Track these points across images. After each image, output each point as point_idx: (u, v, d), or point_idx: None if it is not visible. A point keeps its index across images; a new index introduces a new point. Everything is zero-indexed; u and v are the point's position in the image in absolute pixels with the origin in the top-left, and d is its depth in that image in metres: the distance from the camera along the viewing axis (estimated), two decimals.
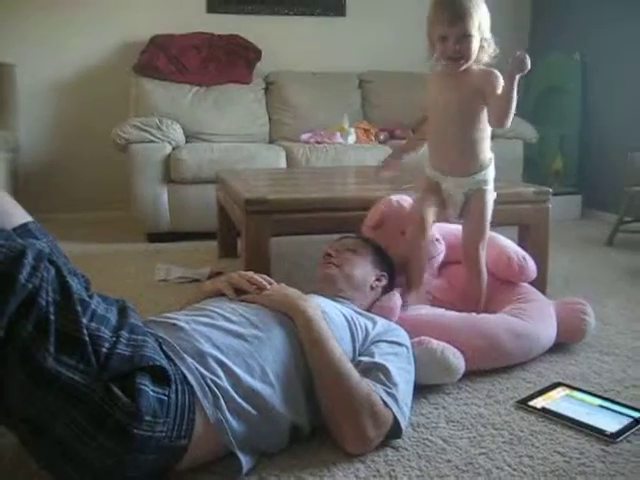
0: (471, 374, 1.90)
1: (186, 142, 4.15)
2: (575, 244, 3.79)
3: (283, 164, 4.04)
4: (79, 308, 1.28)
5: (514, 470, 1.43)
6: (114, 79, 4.66)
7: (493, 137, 4.43)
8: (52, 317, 1.24)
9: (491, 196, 2.18)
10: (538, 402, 1.75)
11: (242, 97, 4.61)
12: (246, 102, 4.62)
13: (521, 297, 2.19)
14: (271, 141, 4.59)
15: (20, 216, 1.59)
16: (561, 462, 1.46)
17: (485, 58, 2.07)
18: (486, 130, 2.14)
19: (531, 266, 2.28)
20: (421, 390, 1.79)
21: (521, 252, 2.31)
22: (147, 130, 3.86)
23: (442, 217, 2.25)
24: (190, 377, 1.38)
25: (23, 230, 1.55)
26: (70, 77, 4.70)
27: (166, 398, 1.32)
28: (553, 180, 4.72)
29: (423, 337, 1.84)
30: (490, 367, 1.95)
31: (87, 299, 1.34)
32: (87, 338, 1.26)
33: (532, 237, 2.58)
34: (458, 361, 1.83)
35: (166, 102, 4.38)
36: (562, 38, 5.05)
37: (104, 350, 1.28)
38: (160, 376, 1.34)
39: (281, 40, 4.94)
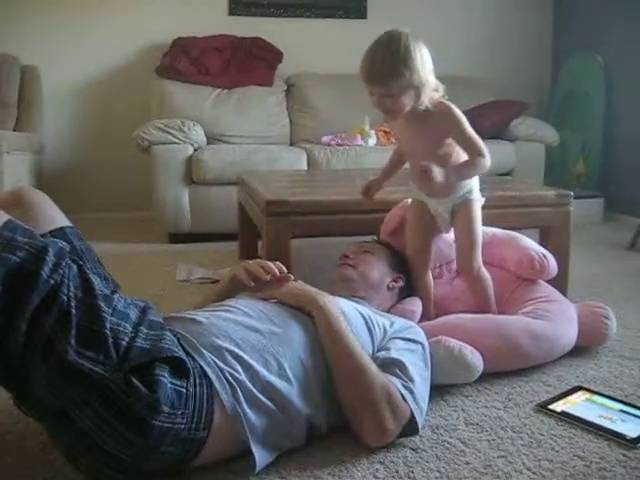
0: (490, 377, 1.89)
1: (207, 144, 4.17)
2: (597, 248, 3.76)
3: (304, 166, 4.05)
4: (101, 303, 1.31)
5: (533, 474, 1.43)
6: (137, 81, 4.71)
7: (515, 139, 4.46)
8: (73, 311, 1.26)
9: (478, 203, 2.10)
10: (558, 406, 1.74)
11: (263, 99, 4.64)
12: (267, 104, 4.64)
13: (543, 297, 2.17)
14: (292, 143, 4.61)
15: (59, 220, 1.64)
16: (581, 466, 1.46)
17: (426, 100, 1.93)
18: (461, 153, 2.00)
19: (552, 263, 2.27)
20: (440, 392, 1.80)
21: (541, 250, 2.30)
22: (169, 132, 3.89)
23: (435, 232, 2.20)
24: (208, 370, 1.40)
25: (58, 233, 1.60)
26: (93, 79, 4.75)
27: (184, 390, 1.34)
28: (575, 183, 4.70)
29: (440, 336, 1.85)
30: (509, 368, 1.95)
31: (109, 294, 1.37)
32: (108, 332, 1.29)
33: (553, 240, 2.56)
34: (476, 359, 1.83)
35: (188, 104, 4.42)
36: (585, 41, 5.01)
37: (124, 343, 1.31)
38: (178, 368, 1.36)
39: (302, 42, 4.95)
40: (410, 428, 1.54)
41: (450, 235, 2.32)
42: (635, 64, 4.52)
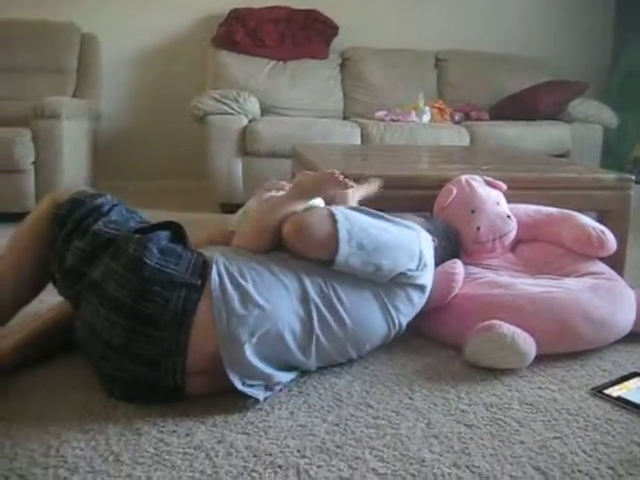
0: (544, 359, 1.88)
1: (261, 115, 4.19)
2: None
3: (357, 140, 4.04)
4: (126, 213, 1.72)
5: (589, 456, 1.42)
6: (193, 51, 4.73)
7: (572, 121, 4.36)
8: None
9: None
10: (614, 391, 1.73)
11: (318, 72, 4.63)
12: (321, 77, 4.63)
13: (603, 275, 2.14)
14: (345, 117, 4.59)
15: None
16: (638, 452, 1.44)
17: None
18: None
19: (610, 239, 2.23)
20: (493, 371, 1.80)
21: (599, 226, 2.27)
22: (225, 102, 3.91)
23: None
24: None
25: None
26: (150, 48, 4.80)
27: (178, 250, 1.57)
28: (632, 167, 4.59)
29: (494, 321, 1.84)
30: (563, 352, 1.93)
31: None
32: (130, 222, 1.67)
33: (612, 224, 2.50)
34: (528, 347, 1.82)
35: (243, 75, 4.43)
36: None
37: (135, 225, 1.65)
38: (177, 236, 1.64)
39: (358, 16, 4.91)
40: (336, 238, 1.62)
41: (504, 208, 2.31)
42: None
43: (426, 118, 4.33)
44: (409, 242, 1.77)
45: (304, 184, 1.80)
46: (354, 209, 1.78)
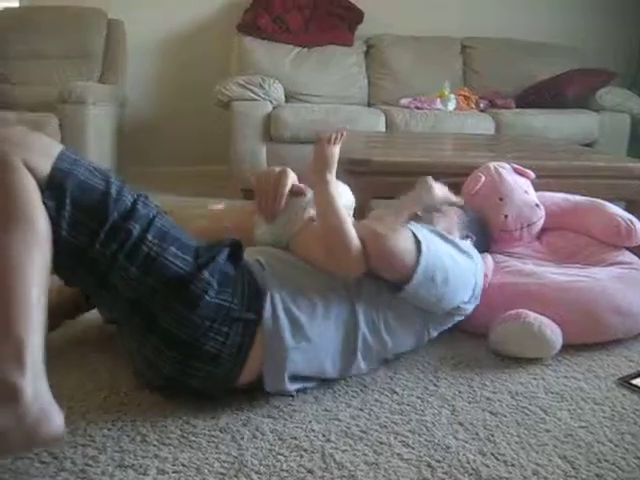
0: (570, 348, 1.86)
1: (285, 102, 4.19)
2: None
3: (382, 128, 4.03)
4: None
5: (616, 446, 1.41)
6: (218, 37, 4.74)
7: (599, 110, 4.32)
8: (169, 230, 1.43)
9: None
10: None
11: (343, 59, 4.62)
12: (346, 64, 4.62)
13: (630, 265, 2.11)
14: (369, 104, 4.58)
15: None
16: None
17: None
18: None
19: (639, 229, 2.21)
20: (518, 360, 1.79)
21: (628, 215, 2.24)
22: (250, 88, 3.92)
23: None
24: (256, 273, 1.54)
25: None
26: (175, 35, 4.81)
27: (231, 274, 1.48)
28: None
29: (521, 310, 1.83)
30: (589, 342, 1.91)
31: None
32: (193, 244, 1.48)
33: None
34: (555, 337, 1.81)
35: (268, 61, 4.43)
36: None
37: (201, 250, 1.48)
38: (235, 253, 1.52)
39: (384, 3, 4.90)
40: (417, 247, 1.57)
41: (532, 197, 2.29)
42: None
43: (451, 106, 4.30)
44: (470, 275, 1.73)
45: (317, 170, 1.76)
46: (431, 231, 1.70)
